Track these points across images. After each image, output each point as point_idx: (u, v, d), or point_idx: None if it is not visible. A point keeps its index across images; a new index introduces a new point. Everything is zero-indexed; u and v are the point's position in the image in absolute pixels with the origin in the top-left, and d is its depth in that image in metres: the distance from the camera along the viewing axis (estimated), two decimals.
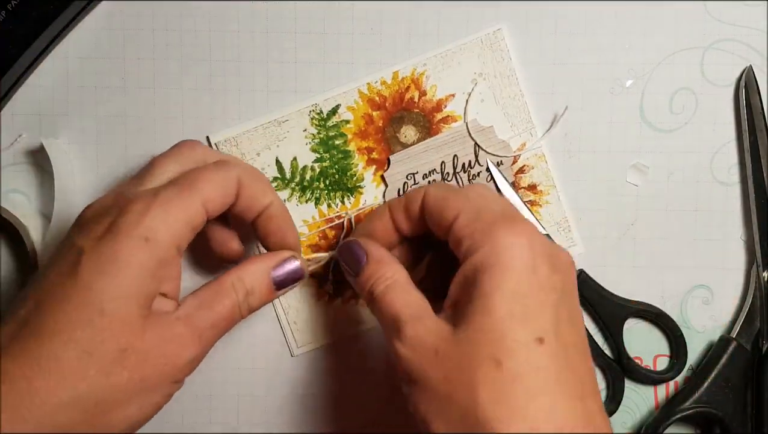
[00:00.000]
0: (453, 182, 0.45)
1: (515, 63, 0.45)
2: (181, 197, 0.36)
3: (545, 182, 0.45)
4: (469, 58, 0.45)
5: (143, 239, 0.34)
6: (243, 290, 0.38)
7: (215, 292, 0.37)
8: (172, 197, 0.36)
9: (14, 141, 0.45)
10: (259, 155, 0.45)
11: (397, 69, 0.45)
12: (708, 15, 0.44)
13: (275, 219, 0.40)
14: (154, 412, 0.36)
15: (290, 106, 0.45)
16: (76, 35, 0.45)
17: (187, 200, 0.36)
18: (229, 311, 0.37)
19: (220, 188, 0.37)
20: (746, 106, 0.44)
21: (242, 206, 0.39)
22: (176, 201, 0.36)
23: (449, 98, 0.45)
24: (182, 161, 0.39)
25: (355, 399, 0.46)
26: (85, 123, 0.45)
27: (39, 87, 0.45)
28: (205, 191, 0.36)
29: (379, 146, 0.45)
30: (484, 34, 0.45)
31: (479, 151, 0.45)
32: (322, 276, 0.46)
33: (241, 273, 0.38)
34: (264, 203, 0.39)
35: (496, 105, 0.45)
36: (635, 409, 0.46)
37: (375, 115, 0.45)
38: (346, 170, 0.45)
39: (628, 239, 0.45)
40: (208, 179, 0.37)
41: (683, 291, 0.46)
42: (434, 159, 0.45)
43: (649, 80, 0.45)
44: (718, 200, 0.45)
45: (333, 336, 0.46)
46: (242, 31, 0.45)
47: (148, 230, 0.35)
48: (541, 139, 0.45)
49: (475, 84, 0.45)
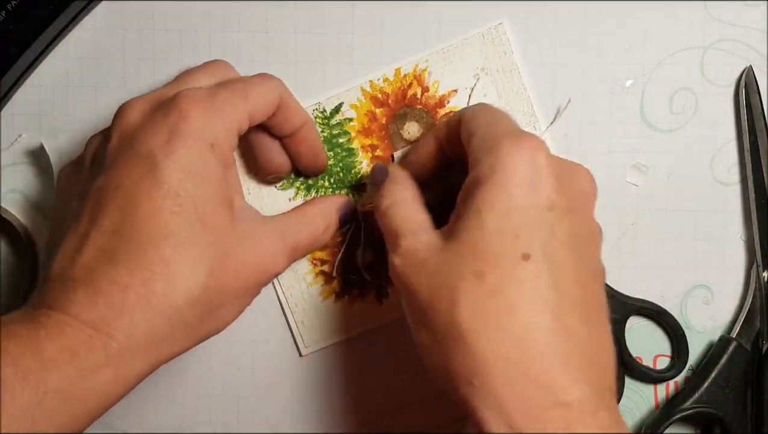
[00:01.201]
0: None
1: (517, 57, 0.45)
2: (234, 103, 0.36)
3: None
4: (471, 53, 0.45)
5: (209, 144, 0.35)
6: (324, 223, 0.41)
7: (300, 218, 0.40)
8: (227, 102, 0.36)
9: (14, 141, 0.45)
10: None
11: (399, 66, 0.45)
12: (708, 15, 0.44)
13: (308, 140, 0.41)
14: (240, 313, 0.37)
15: None
16: (76, 35, 0.45)
17: (239, 106, 0.36)
18: (312, 240, 0.41)
19: (267, 97, 0.38)
20: (746, 106, 0.44)
21: (279, 120, 0.39)
22: (230, 106, 0.36)
23: (452, 94, 0.45)
24: (216, 77, 0.39)
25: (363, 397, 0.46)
26: (85, 123, 0.45)
27: (39, 87, 0.45)
28: (252, 98, 0.37)
29: (382, 143, 0.45)
30: (486, 29, 0.45)
31: None
32: (328, 274, 0.46)
33: (323, 206, 0.42)
34: (300, 120, 0.40)
35: (498, 100, 0.45)
36: (635, 409, 0.46)
37: (378, 112, 0.45)
38: (350, 167, 0.45)
39: (628, 239, 0.45)
40: (256, 87, 0.37)
41: (683, 291, 0.46)
42: None
43: (649, 80, 0.45)
44: (718, 200, 0.45)
45: (340, 334, 0.46)
46: (242, 31, 0.45)
47: (213, 135, 0.35)
48: (545, 132, 0.45)
49: (478, 79, 0.45)
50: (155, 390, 0.47)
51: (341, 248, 0.45)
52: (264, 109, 0.38)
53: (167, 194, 0.34)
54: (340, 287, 0.46)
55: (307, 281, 0.46)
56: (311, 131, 0.41)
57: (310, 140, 0.41)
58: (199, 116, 0.35)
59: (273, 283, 0.45)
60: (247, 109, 0.37)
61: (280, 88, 0.39)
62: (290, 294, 0.46)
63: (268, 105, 0.38)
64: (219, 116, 0.36)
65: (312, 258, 0.46)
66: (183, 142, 0.34)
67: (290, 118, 0.40)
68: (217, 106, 0.36)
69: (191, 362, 0.46)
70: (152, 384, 0.46)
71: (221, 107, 0.36)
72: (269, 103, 0.38)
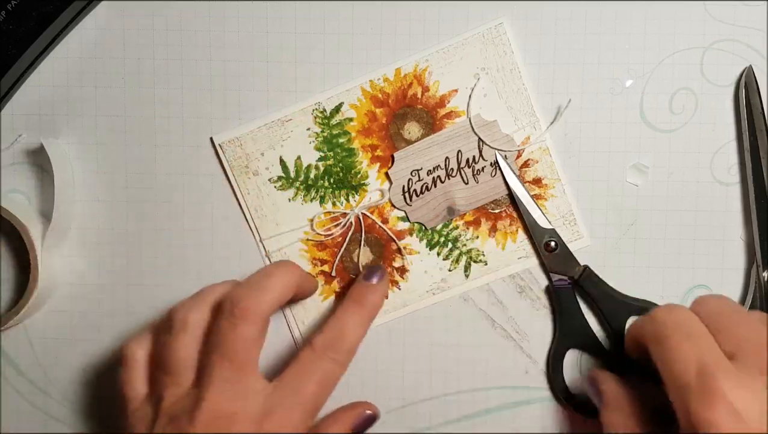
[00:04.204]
0: (458, 178, 0.45)
1: (517, 57, 0.45)
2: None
3: (550, 176, 0.45)
4: (471, 53, 0.45)
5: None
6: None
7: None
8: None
9: (14, 141, 0.45)
10: (263, 154, 0.45)
11: (399, 66, 0.45)
12: (708, 15, 0.44)
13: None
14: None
15: (293, 106, 0.45)
16: (76, 35, 0.45)
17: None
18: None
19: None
20: (746, 106, 0.44)
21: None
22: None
23: (452, 94, 0.45)
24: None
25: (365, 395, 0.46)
26: (85, 123, 0.45)
27: (39, 87, 0.45)
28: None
29: (382, 143, 0.45)
30: (486, 29, 0.45)
31: (483, 146, 0.45)
32: (328, 274, 0.46)
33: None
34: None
35: (499, 99, 0.45)
36: None
37: (378, 112, 0.45)
38: (350, 167, 0.45)
39: (628, 239, 0.45)
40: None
41: (683, 291, 0.46)
42: (438, 155, 0.45)
43: (649, 80, 0.45)
44: (718, 200, 0.45)
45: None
46: (242, 31, 0.45)
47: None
48: (546, 132, 0.45)
49: (478, 79, 0.45)
50: None
51: (341, 248, 0.46)
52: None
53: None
54: (340, 287, 0.46)
55: None
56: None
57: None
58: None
59: None
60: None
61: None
62: None
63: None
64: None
65: (312, 258, 0.46)
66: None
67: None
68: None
69: None
70: None
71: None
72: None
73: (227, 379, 0.38)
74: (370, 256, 0.46)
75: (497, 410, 0.46)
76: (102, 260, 0.46)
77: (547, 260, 0.45)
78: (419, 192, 0.45)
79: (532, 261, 0.46)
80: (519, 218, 0.45)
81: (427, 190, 0.45)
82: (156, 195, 0.46)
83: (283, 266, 0.41)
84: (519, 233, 0.45)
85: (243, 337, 0.38)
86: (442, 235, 0.46)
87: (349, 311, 0.42)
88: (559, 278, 0.45)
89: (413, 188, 0.45)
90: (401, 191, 0.45)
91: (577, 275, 0.45)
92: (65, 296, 0.46)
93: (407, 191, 0.45)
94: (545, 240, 0.45)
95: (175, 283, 0.46)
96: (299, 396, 0.39)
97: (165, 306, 0.46)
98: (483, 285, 0.46)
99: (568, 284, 0.45)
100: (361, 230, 0.45)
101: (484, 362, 0.46)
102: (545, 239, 0.45)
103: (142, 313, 0.46)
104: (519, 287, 0.46)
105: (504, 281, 0.46)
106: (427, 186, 0.45)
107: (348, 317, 0.41)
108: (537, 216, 0.45)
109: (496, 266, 0.46)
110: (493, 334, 0.46)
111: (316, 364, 0.40)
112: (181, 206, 0.46)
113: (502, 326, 0.46)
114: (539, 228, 0.45)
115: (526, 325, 0.46)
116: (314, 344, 0.40)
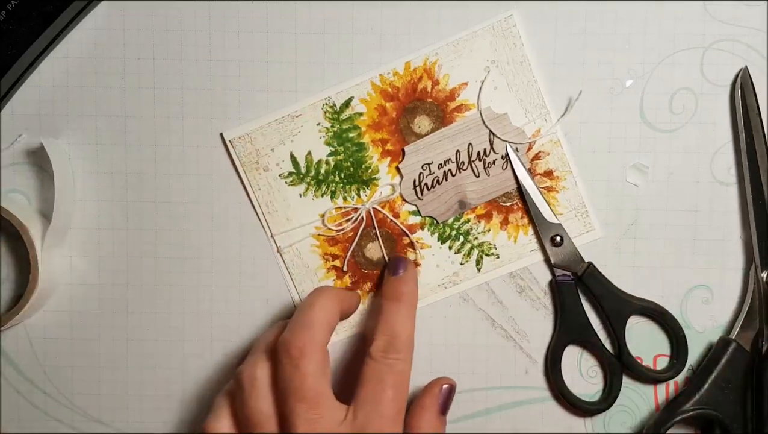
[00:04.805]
0: (469, 171, 0.45)
1: (527, 49, 0.45)
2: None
3: (561, 168, 0.45)
4: (481, 45, 0.45)
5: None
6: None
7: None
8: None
9: (14, 141, 0.45)
10: (273, 150, 0.45)
11: (409, 59, 0.45)
12: (708, 15, 0.44)
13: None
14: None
15: (303, 101, 0.45)
16: (76, 35, 0.45)
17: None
18: None
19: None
20: (742, 107, 0.44)
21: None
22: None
23: (462, 87, 0.45)
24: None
25: None
26: (85, 123, 0.45)
27: (39, 87, 0.45)
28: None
29: (393, 137, 0.45)
30: (496, 21, 0.44)
31: (494, 139, 0.45)
32: (339, 269, 0.46)
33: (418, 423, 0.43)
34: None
35: (509, 92, 0.45)
36: (635, 409, 0.46)
37: (388, 106, 0.45)
38: (360, 162, 0.45)
39: (628, 239, 0.45)
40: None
41: (683, 291, 0.46)
42: (449, 148, 0.45)
43: (649, 80, 0.45)
44: (718, 200, 0.45)
45: (352, 328, 0.46)
46: (242, 31, 0.45)
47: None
48: (557, 124, 0.45)
49: (488, 72, 0.45)
50: (155, 390, 0.47)
51: (352, 243, 0.46)
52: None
53: None
54: (351, 281, 0.46)
55: (319, 276, 0.46)
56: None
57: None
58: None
59: (285, 279, 0.46)
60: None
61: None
62: (302, 290, 0.46)
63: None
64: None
65: (323, 254, 0.46)
66: None
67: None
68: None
69: (192, 362, 0.46)
70: (152, 384, 0.46)
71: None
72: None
73: (308, 419, 0.38)
74: (382, 251, 0.46)
75: (497, 410, 0.46)
76: (102, 260, 0.46)
77: (552, 254, 0.45)
78: (430, 186, 0.45)
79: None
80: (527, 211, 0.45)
81: (438, 183, 0.45)
82: (156, 195, 0.46)
83: (321, 293, 0.42)
84: (530, 226, 0.46)
85: (308, 374, 0.39)
86: (453, 229, 0.46)
87: (392, 311, 0.42)
88: (562, 273, 0.45)
89: (424, 182, 0.45)
90: (412, 185, 0.45)
91: (581, 271, 0.45)
92: (65, 296, 0.46)
93: (418, 185, 0.45)
94: (551, 235, 0.45)
95: (175, 283, 0.46)
96: (381, 408, 0.40)
97: (165, 306, 0.46)
98: (493, 279, 0.46)
99: (571, 280, 0.45)
100: (373, 225, 0.45)
101: (483, 362, 0.46)
102: (551, 234, 0.45)
103: (142, 313, 0.46)
104: (519, 287, 0.46)
105: (504, 281, 0.46)
106: (438, 180, 0.45)
107: (392, 316, 0.42)
108: (544, 210, 0.45)
109: (508, 259, 0.46)
110: (493, 334, 0.46)
111: (383, 371, 0.40)
112: (181, 206, 0.46)
113: (502, 326, 0.46)
114: (545, 222, 0.45)
115: (526, 325, 0.46)
116: (373, 354, 0.41)
